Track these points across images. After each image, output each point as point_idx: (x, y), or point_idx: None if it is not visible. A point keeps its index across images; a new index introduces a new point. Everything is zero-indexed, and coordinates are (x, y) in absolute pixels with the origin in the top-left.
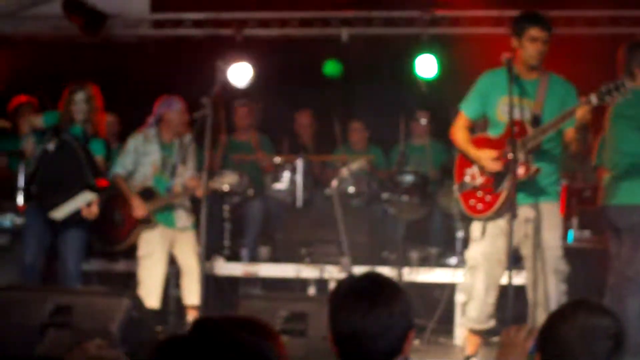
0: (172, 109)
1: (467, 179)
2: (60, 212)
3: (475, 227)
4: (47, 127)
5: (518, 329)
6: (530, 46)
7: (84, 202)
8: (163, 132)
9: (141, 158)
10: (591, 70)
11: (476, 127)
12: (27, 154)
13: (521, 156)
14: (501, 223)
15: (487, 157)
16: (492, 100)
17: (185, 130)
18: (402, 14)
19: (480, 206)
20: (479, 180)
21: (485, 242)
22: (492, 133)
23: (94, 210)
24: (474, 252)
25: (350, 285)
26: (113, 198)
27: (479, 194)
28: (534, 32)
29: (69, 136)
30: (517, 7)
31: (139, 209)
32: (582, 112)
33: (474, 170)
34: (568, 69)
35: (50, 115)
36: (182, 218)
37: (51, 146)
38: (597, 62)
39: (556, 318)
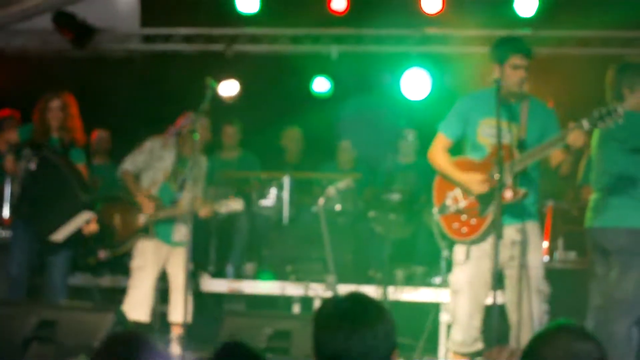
0: (195, 126)
1: (448, 201)
2: (61, 234)
3: (459, 251)
4: (23, 142)
5: (500, 350)
6: (513, 73)
7: (83, 222)
8: (182, 145)
9: (154, 162)
10: (581, 91)
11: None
12: (10, 172)
13: (508, 179)
14: (485, 246)
15: (474, 180)
16: (472, 122)
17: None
18: (392, 32)
19: (464, 229)
20: (463, 203)
21: (469, 265)
22: (473, 156)
23: (93, 227)
24: (457, 276)
25: (334, 306)
26: (111, 202)
27: (463, 217)
28: (516, 59)
29: (48, 151)
30: (507, 26)
31: (148, 206)
32: (573, 137)
33: (456, 193)
34: (558, 89)
35: (25, 129)
36: (180, 233)
37: (33, 165)
38: (587, 82)
39: (539, 341)
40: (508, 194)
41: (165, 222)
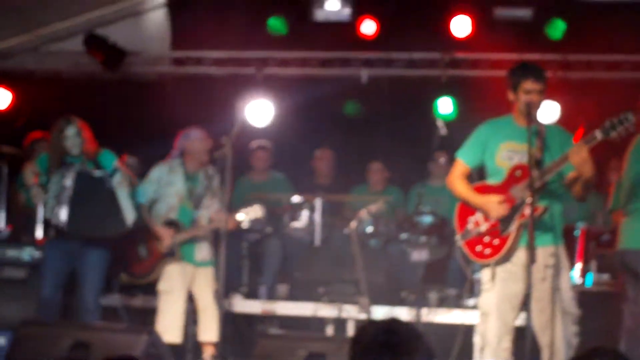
0: (192, 138)
1: (470, 226)
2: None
3: (485, 274)
4: (44, 172)
5: None
6: (525, 98)
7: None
8: (187, 163)
9: (165, 188)
10: (611, 115)
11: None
12: (38, 202)
13: (527, 197)
14: (511, 267)
15: (493, 202)
16: (491, 149)
17: (209, 158)
18: (422, 56)
19: (488, 251)
20: (484, 226)
21: (496, 288)
22: (492, 181)
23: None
24: (485, 299)
25: (373, 335)
26: (138, 231)
27: (486, 239)
28: (528, 84)
29: (78, 166)
30: (537, 50)
31: (167, 238)
32: (574, 152)
33: (477, 217)
34: (589, 113)
35: (42, 160)
36: (203, 251)
37: (68, 182)
38: (618, 106)
39: None
40: (527, 211)
41: (187, 243)
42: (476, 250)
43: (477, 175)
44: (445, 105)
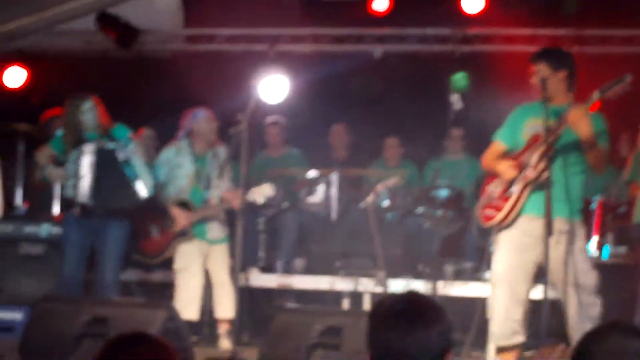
0: (199, 119)
1: (486, 194)
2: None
3: (495, 240)
4: (60, 152)
5: (552, 348)
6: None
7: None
8: (195, 144)
9: (175, 170)
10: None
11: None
12: (56, 181)
13: (534, 159)
14: (521, 237)
15: (505, 165)
16: (519, 127)
17: (217, 139)
18: (436, 32)
19: (493, 213)
20: (497, 191)
21: (505, 257)
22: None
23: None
24: (494, 268)
25: (390, 306)
26: (150, 211)
27: (495, 202)
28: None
29: (96, 143)
30: (550, 25)
31: (180, 218)
32: (571, 114)
33: (493, 183)
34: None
35: (56, 141)
36: (215, 230)
37: (87, 159)
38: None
39: (591, 339)
40: (530, 173)
41: (199, 223)
42: (485, 214)
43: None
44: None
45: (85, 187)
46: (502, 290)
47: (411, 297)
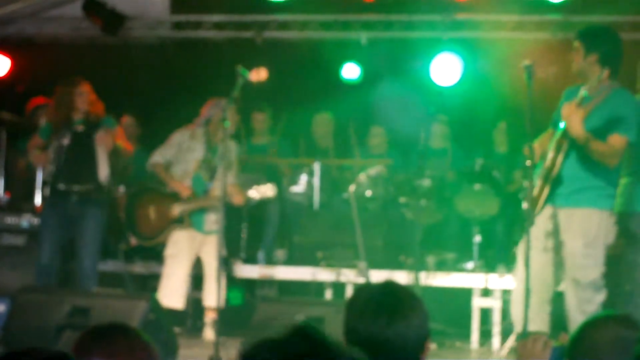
0: (224, 110)
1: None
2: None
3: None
4: (47, 138)
5: (535, 340)
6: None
7: (101, 134)
8: (212, 133)
9: (185, 154)
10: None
11: None
12: (38, 163)
13: (550, 149)
14: (538, 227)
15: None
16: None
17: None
18: (423, 18)
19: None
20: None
21: (523, 244)
22: None
23: (109, 138)
24: (517, 256)
25: (368, 297)
26: (149, 193)
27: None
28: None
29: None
30: (538, 12)
31: (184, 190)
32: (564, 113)
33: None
34: None
35: (46, 128)
36: (212, 222)
37: (65, 141)
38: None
39: (588, 327)
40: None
41: (197, 212)
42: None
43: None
44: (350, 71)
45: (56, 169)
46: (516, 275)
47: (389, 288)
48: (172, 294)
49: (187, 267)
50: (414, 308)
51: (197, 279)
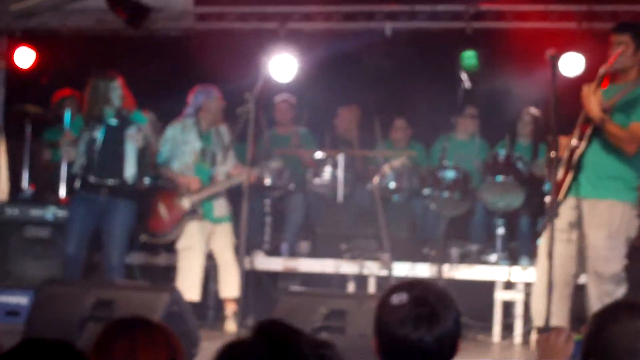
0: (211, 97)
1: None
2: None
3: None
4: (79, 131)
5: (557, 334)
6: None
7: (132, 132)
8: (202, 121)
9: (181, 147)
10: None
11: None
12: (70, 160)
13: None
14: (559, 217)
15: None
16: None
17: (221, 119)
18: (447, 8)
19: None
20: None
21: (545, 237)
22: None
23: (140, 136)
24: (539, 249)
25: (408, 310)
26: (159, 191)
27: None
28: (612, 37)
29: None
30: (563, 2)
31: (194, 182)
32: (585, 90)
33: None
34: None
35: (77, 122)
36: (221, 207)
37: (98, 134)
38: None
39: (605, 318)
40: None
41: (206, 200)
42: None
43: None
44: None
45: (87, 162)
46: (538, 269)
47: (424, 296)
48: (188, 287)
49: (201, 259)
50: (450, 313)
51: (216, 270)
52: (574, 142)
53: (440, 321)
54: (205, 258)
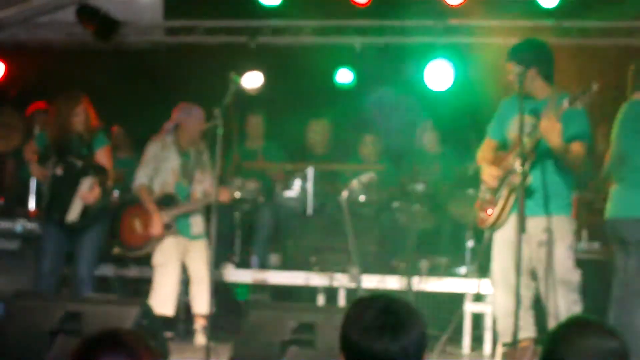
0: (192, 116)
1: (481, 194)
2: (73, 213)
3: (490, 240)
4: (42, 147)
5: (523, 350)
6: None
7: (85, 189)
8: (180, 139)
9: (160, 164)
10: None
11: None
12: (39, 178)
13: (517, 165)
14: (508, 234)
15: (488, 174)
16: (506, 124)
17: (200, 138)
18: (416, 23)
19: (485, 217)
20: (487, 196)
21: (497, 255)
22: (504, 152)
23: (96, 192)
24: (492, 266)
25: (372, 319)
26: (133, 204)
27: (487, 206)
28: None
29: (72, 156)
30: (530, 17)
31: (157, 226)
32: (543, 126)
33: (484, 189)
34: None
35: (41, 136)
36: (198, 225)
37: (59, 171)
38: (612, 73)
39: (557, 340)
40: (514, 178)
41: (182, 217)
42: (480, 217)
43: None
44: (343, 76)
45: (50, 199)
46: (501, 288)
47: (389, 307)
48: (162, 302)
49: (176, 274)
50: (415, 323)
51: (187, 284)
52: (516, 165)
53: (405, 331)
54: (180, 274)
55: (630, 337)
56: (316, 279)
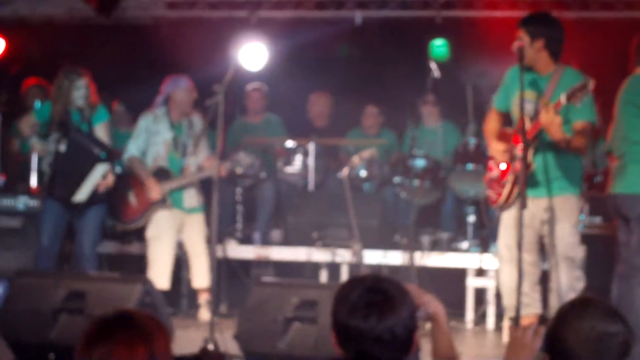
0: (180, 87)
1: (488, 177)
2: (82, 194)
3: (500, 218)
4: (43, 121)
5: (525, 329)
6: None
7: (99, 175)
8: (172, 111)
9: (152, 137)
10: (606, 55)
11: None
12: (39, 154)
13: (519, 152)
14: (512, 214)
15: (497, 150)
16: (511, 96)
17: (193, 109)
18: None
19: (494, 197)
20: (496, 172)
21: (504, 233)
22: (510, 128)
23: (110, 180)
24: (498, 242)
25: (358, 295)
26: (127, 177)
27: (495, 185)
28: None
29: (75, 131)
30: None
31: (155, 191)
32: (544, 120)
33: (493, 162)
34: (583, 53)
35: (42, 110)
36: (192, 198)
37: (62, 147)
38: (612, 46)
39: (563, 320)
40: (517, 165)
41: (175, 190)
42: (489, 195)
43: None
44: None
45: (52, 175)
46: (503, 265)
47: (377, 285)
48: (158, 276)
49: (171, 247)
50: (402, 302)
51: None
52: (521, 151)
53: (392, 310)
54: (175, 247)
55: (632, 314)
56: (318, 255)
